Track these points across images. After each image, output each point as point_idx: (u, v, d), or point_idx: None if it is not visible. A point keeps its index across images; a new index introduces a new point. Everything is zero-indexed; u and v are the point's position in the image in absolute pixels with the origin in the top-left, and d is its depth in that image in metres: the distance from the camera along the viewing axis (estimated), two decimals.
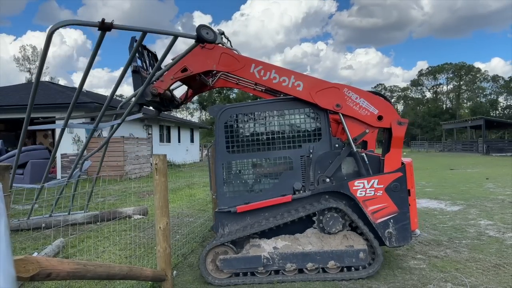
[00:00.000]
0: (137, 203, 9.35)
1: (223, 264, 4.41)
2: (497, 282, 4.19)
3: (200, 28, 3.82)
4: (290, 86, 4.73)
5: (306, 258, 4.38)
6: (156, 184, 4.19)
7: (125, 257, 5.13)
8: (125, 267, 3.38)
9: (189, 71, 4.88)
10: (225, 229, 4.70)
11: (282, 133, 4.81)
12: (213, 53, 4.86)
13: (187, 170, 15.39)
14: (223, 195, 4.78)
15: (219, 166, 4.79)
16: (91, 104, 16.81)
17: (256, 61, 4.87)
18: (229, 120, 4.83)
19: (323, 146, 4.71)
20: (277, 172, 4.75)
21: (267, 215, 4.69)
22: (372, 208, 4.49)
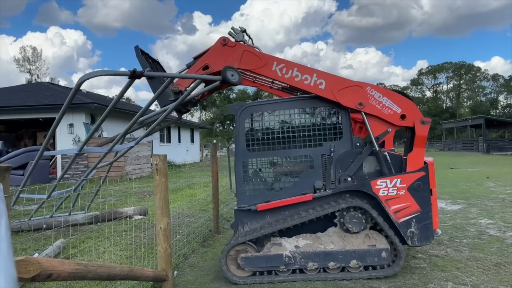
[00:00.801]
0: (137, 204, 9.35)
1: (245, 262, 4.40)
2: (498, 281, 4.19)
3: (226, 70, 3.82)
4: (312, 84, 4.71)
5: (328, 257, 4.38)
6: (157, 184, 4.19)
7: (126, 258, 5.13)
8: (126, 268, 3.39)
9: (210, 68, 4.86)
10: (244, 227, 4.70)
11: (302, 131, 4.79)
12: (235, 51, 4.85)
13: (188, 170, 15.42)
14: (243, 193, 4.77)
15: (239, 164, 4.78)
16: (91, 104, 16.82)
17: (278, 59, 4.85)
18: (250, 118, 4.83)
19: (344, 145, 4.71)
20: (298, 170, 4.74)
21: (287, 213, 4.68)
22: (395, 208, 4.49)
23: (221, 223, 7.28)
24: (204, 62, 4.87)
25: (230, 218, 8.07)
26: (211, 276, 4.70)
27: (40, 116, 17.61)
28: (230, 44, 4.87)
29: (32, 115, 17.47)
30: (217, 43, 4.92)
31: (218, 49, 4.87)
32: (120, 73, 3.64)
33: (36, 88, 21.38)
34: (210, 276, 4.70)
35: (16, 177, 13.89)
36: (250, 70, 4.96)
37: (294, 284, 4.32)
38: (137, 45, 4.99)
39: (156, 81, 4.88)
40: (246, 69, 4.94)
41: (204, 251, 5.73)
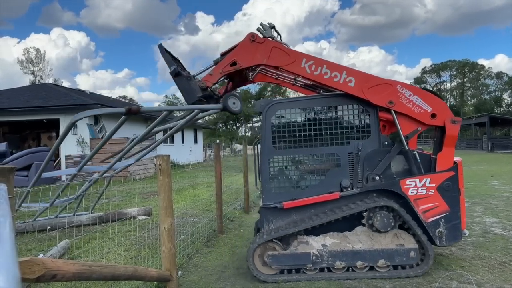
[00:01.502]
0: (141, 204, 9.37)
1: (272, 260, 4.42)
2: (503, 280, 4.17)
3: (227, 98, 3.73)
4: (342, 81, 4.66)
5: (356, 256, 4.38)
6: (160, 184, 4.19)
7: (130, 258, 5.15)
8: (130, 268, 3.39)
9: (238, 65, 4.82)
10: (270, 225, 4.70)
11: (329, 129, 4.76)
12: (264, 47, 4.81)
13: (191, 170, 15.45)
14: (269, 191, 4.76)
15: (265, 162, 4.77)
16: (94, 105, 16.87)
17: (307, 56, 4.80)
18: (276, 115, 4.81)
19: (371, 144, 4.68)
20: (324, 168, 4.73)
21: (313, 212, 4.67)
22: (424, 207, 4.46)
23: (225, 223, 7.29)
24: (232, 59, 4.82)
25: (233, 218, 8.07)
26: (215, 276, 4.70)
27: (44, 117, 17.68)
28: (258, 40, 4.81)
29: (36, 117, 17.54)
30: (245, 39, 4.87)
31: (246, 45, 4.82)
32: (116, 111, 3.58)
33: (39, 90, 21.46)
34: (214, 276, 4.71)
35: (20, 178, 13.97)
36: (278, 67, 4.91)
37: (311, 283, 4.32)
38: (161, 43, 4.97)
39: (183, 79, 4.85)
40: (274, 66, 4.91)
41: (208, 251, 5.74)
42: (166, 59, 4.88)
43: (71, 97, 18.58)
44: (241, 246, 6.05)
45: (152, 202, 9.55)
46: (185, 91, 4.83)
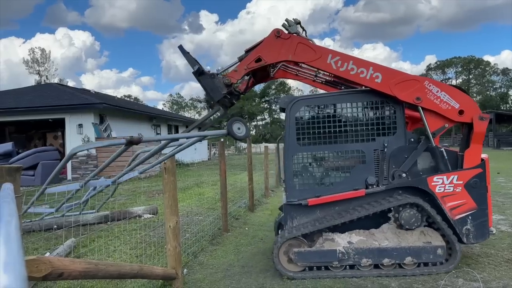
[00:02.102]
0: (147, 203, 9.40)
1: (298, 257, 4.41)
2: (509, 277, 4.15)
3: (232, 123, 3.69)
4: (368, 77, 4.61)
5: (383, 253, 4.36)
6: (165, 183, 4.21)
7: (136, 256, 5.17)
8: (136, 266, 3.41)
9: (263, 61, 4.80)
10: (293, 222, 4.69)
11: (355, 125, 4.74)
12: (289, 43, 4.78)
13: (196, 169, 15.49)
14: (293, 188, 4.75)
15: (289, 159, 4.75)
16: (100, 105, 16.93)
17: (333, 52, 4.76)
18: (300, 111, 4.79)
19: (397, 140, 4.64)
20: (349, 165, 4.71)
21: (338, 209, 4.67)
22: (451, 204, 4.44)
23: (230, 221, 7.30)
24: (257, 55, 4.80)
25: (238, 216, 8.08)
26: (221, 274, 4.72)
27: (50, 117, 17.77)
28: (283, 36, 4.78)
29: (42, 116, 17.63)
30: (270, 35, 4.84)
31: (271, 42, 4.80)
32: (116, 143, 3.54)
33: (45, 89, 21.57)
34: (220, 274, 4.72)
35: (26, 177, 14.06)
36: (299, 63, 4.89)
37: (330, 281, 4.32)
38: (181, 44, 4.96)
39: (207, 77, 4.86)
40: (300, 62, 4.88)
41: (213, 249, 5.75)
42: (188, 59, 4.88)
43: (76, 97, 18.66)
44: (246, 244, 6.06)
45: (158, 200, 9.58)
46: (210, 89, 4.85)
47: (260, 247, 5.84)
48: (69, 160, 4.00)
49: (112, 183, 5.26)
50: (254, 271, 4.78)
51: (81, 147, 3.50)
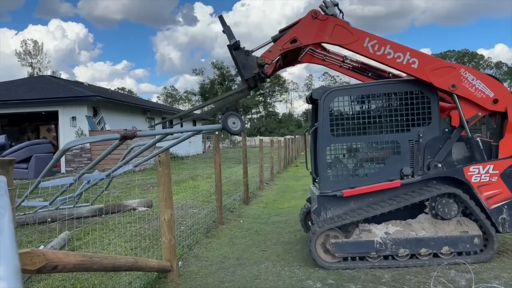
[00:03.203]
0: (141, 196, 9.40)
1: (335, 248, 4.43)
2: (500, 268, 4.21)
3: (227, 118, 3.64)
4: (405, 62, 4.57)
5: (420, 243, 4.40)
6: (160, 176, 4.21)
7: (131, 249, 5.17)
8: (130, 259, 3.42)
9: (298, 42, 4.74)
10: (327, 213, 4.70)
11: (389, 116, 4.72)
12: (326, 25, 4.70)
13: (190, 162, 15.48)
14: (327, 179, 4.74)
15: (322, 150, 4.73)
16: (93, 97, 16.82)
17: (370, 35, 4.69)
18: (334, 102, 4.76)
19: (432, 131, 4.63)
20: (384, 156, 4.71)
21: (372, 200, 4.68)
22: (487, 194, 4.47)
23: (225, 214, 7.32)
24: (293, 36, 4.73)
25: (233, 209, 8.10)
26: (215, 266, 4.74)
27: (43, 109, 17.64)
28: (321, 17, 4.70)
29: (35, 109, 17.49)
30: (307, 16, 4.77)
31: (308, 23, 4.72)
32: (110, 137, 3.47)
33: (38, 82, 21.37)
34: (214, 266, 4.74)
35: (19, 170, 13.97)
36: (340, 45, 4.79)
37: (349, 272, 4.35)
38: (221, 14, 4.91)
39: (242, 53, 4.81)
40: (336, 44, 4.80)
41: (208, 242, 5.77)
42: (227, 31, 4.84)
43: (69, 89, 18.51)
44: (240, 236, 6.09)
45: (152, 193, 9.57)
46: (243, 65, 4.82)
47: (255, 240, 5.86)
48: (63, 154, 3.98)
49: (107, 177, 5.25)
50: (249, 263, 4.81)
51: (75, 142, 3.47)
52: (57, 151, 3.98)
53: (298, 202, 9.05)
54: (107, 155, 4.02)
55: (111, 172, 5.16)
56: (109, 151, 3.85)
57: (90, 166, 4.73)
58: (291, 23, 4.94)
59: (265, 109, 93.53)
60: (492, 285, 3.74)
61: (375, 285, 3.98)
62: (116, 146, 3.73)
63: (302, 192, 10.68)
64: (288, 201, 9.35)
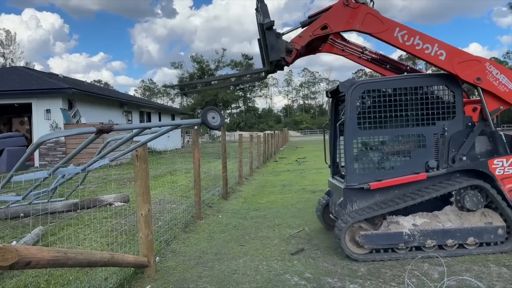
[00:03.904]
0: (118, 191, 9.26)
1: (365, 239, 4.49)
2: (471, 261, 4.34)
3: (206, 113, 3.56)
4: (433, 54, 4.65)
5: (447, 234, 4.51)
6: (137, 170, 4.15)
7: (107, 244, 5.10)
8: (106, 254, 3.37)
9: (329, 29, 4.75)
10: (353, 206, 4.75)
11: (415, 110, 4.77)
12: (358, 12, 4.72)
13: (169, 156, 15.32)
14: (353, 172, 4.77)
15: (349, 143, 4.74)
16: (68, 90, 16.42)
17: (400, 25, 4.74)
18: (361, 96, 4.79)
19: (456, 124, 4.73)
20: (409, 149, 4.77)
21: (397, 192, 4.75)
22: (510, 186, 4.59)
23: (203, 209, 7.29)
24: (324, 22, 4.73)
25: (212, 204, 8.08)
26: (193, 261, 4.72)
27: (16, 101, 17.12)
28: (352, 5, 4.71)
29: (7, 101, 16.94)
30: (338, 3, 4.78)
31: (339, 9, 4.74)
32: (86, 131, 3.38)
33: (10, 73, 20.69)
34: (192, 261, 4.72)
35: None
36: (371, 34, 4.82)
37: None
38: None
39: (273, 34, 4.75)
40: (367, 33, 4.82)
41: (186, 237, 5.74)
42: (263, 8, 4.79)
43: (43, 81, 18.00)
44: (219, 231, 6.08)
45: (129, 188, 9.45)
46: (272, 47, 4.75)
47: (234, 235, 5.87)
48: (36, 148, 3.88)
49: (82, 171, 5.15)
50: (227, 258, 4.82)
51: (50, 135, 3.39)
52: (31, 144, 3.87)
53: (277, 197, 9.11)
54: (83, 149, 3.94)
55: (86, 166, 5.06)
56: (85, 145, 3.78)
57: (65, 160, 4.62)
58: (321, 10, 4.98)
59: (244, 104, 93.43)
60: (463, 277, 3.85)
61: (351, 278, 4.05)
62: (92, 140, 3.66)
63: (280, 187, 10.74)
64: (267, 196, 9.39)
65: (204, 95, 76.73)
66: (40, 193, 6.09)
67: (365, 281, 3.97)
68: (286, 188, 10.52)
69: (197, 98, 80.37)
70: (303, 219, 6.69)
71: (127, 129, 4.34)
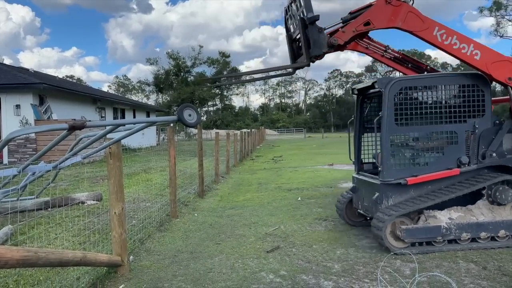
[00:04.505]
0: (90, 189, 9.08)
1: (405, 233, 4.57)
2: (441, 258, 4.47)
3: (182, 110, 3.46)
4: (469, 54, 4.86)
5: (480, 227, 4.67)
6: (111, 168, 4.09)
7: (79, 244, 4.99)
8: (79, 254, 3.30)
9: (371, 25, 4.84)
10: (389, 201, 4.85)
11: (448, 107, 4.95)
12: (400, 10, 4.83)
13: (143, 154, 15.08)
14: (390, 168, 4.85)
15: (386, 139, 4.85)
16: (39, 85, 15.94)
17: (439, 24, 4.90)
18: (398, 92, 4.88)
19: (486, 122, 4.95)
20: (442, 146, 4.96)
21: (430, 187, 4.91)
22: None
23: (179, 207, 7.23)
24: (366, 18, 4.83)
25: (188, 202, 8.03)
26: (168, 260, 4.68)
27: None
28: (394, 3, 4.81)
29: None
30: (380, 1, 4.87)
31: (381, 7, 4.84)
32: (57, 127, 3.25)
33: None
34: (167, 260, 4.68)
35: None
36: (411, 32, 4.94)
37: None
38: None
39: (316, 29, 4.78)
40: (408, 30, 4.93)
41: (161, 236, 5.68)
42: (306, 2, 4.78)
43: (13, 76, 17.41)
44: (194, 230, 6.05)
45: (102, 186, 9.28)
46: (314, 41, 4.79)
47: (209, 233, 5.85)
48: (5, 145, 3.75)
49: (53, 168, 5.01)
50: (203, 256, 4.80)
51: (20, 132, 3.28)
52: (1, 143, 3.74)
53: (253, 195, 9.14)
54: (54, 146, 3.83)
55: (58, 164, 4.93)
56: (56, 142, 3.68)
57: (36, 157, 4.49)
58: (362, 6, 5.06)
59: (221, 102, 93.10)
60: (433, 273, 3.97)
61: (326, 275, 4.10)
62: (64, 137, 3.57)
63: (257, 185, 10.77)
64: (243, 194, 9.40)
65: (180, 92, 75.90)
66: (9, 191, 5.88)
67: (339, 277, 4.03)
68: (262, 186, 10.55)
69: (173, 95, 79.37)
70: (279, 217, 6.73)
71: (100, 125, 4.25)
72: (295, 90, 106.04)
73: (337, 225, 6.02)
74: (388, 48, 5.42)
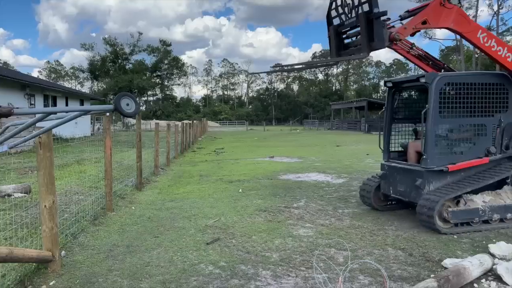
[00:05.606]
0: (18, 181, 8.49)
1: (452, 215, 5.07)
2: (372, 246, 4.76)
3: (120, 99, 3.28)
4: (503, 56, 5.57)
5: (508, 209, 5.33)
6: (40, 159, 3.86)
7: (5, 239, 4.66)
8: (4, 249, 3.09)
9: (428, 24, 5.25)
10: (430, 186, 5.37)
11: (483, 102, 5.53)
12: (452, 13, 5.28)
13: (76, 145, 14.32)
14: (433, 156, 5.36)
15: (431, 129, 5.31)
16: None
17: (482, 28, 5.58)
18: (443, 87, 5.31)
19: (509, 116, 5.67)
20: (476, 136, 5.61)
21: (463, 174, 5.51)
22: None
23: (115, 200, 6.99)
24: (424, 17, 5.17)
25: (124, 195, 7.78)
26: (103, 254, 4.52)
27: None
28: (448, 6, 5.22)
29: None
30: (435, 2, 5.22)
31: (436, 8, 5.21)
32: None
33: None
34: (102, 254, 4.52)
35: None
36: (460, 33, 5.51)
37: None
38: None
39: (380, 24, 4.95)
40: (457, 31, 5.49)
41: (96, 230, 5.47)
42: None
43: None
44: (131, 223, 5.89)
45: (31, 178, 8.71)
46: (378, 35, 5.01)
47: (147, 226, 5.72)
48: None
49: None
50: (140, 250, 4.69)
51: None
52: None
53: (194, 187, 9.06)
54: None
55: None
56: None
57: None
58: (419, 6, 5.55)
59: (162, 92, 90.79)
60: (365, 261, 4.21)
61: (264, 265, 4.19)
62: None
63: (198, 177, 10.69)
64: (184, 186, 9.29)
65: (118, 80, 72.89)
66: None
67: (277, 267, 4.14)
68: (203, 178, 10.50)
69: (109, 83, 75.92)
70: (220, 209, 6.75)
71: (29, 113, 3.97)
72: (238, 83, 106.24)
73: (276, 216, 6.17)
74: (414, 46, 5.86)
